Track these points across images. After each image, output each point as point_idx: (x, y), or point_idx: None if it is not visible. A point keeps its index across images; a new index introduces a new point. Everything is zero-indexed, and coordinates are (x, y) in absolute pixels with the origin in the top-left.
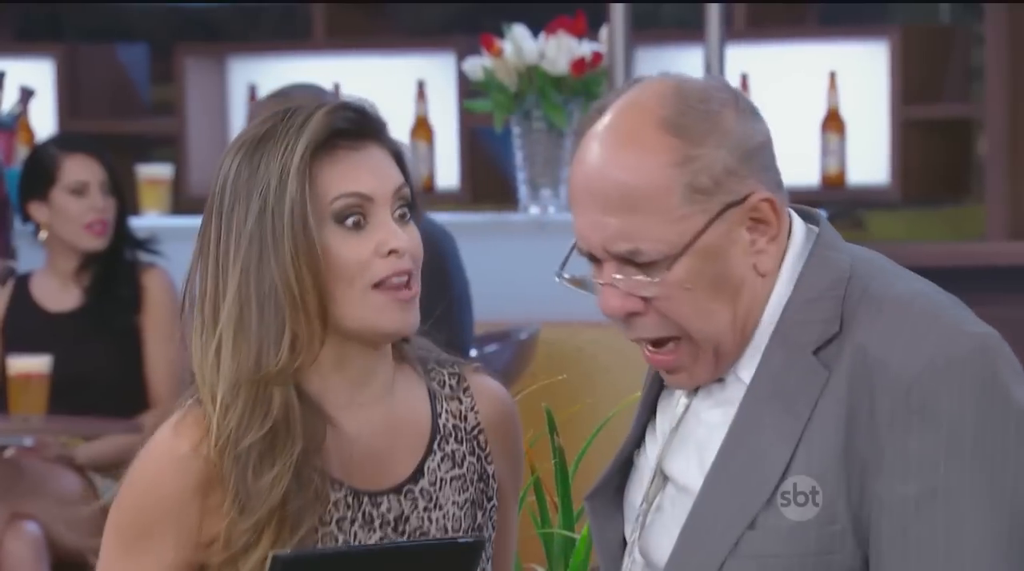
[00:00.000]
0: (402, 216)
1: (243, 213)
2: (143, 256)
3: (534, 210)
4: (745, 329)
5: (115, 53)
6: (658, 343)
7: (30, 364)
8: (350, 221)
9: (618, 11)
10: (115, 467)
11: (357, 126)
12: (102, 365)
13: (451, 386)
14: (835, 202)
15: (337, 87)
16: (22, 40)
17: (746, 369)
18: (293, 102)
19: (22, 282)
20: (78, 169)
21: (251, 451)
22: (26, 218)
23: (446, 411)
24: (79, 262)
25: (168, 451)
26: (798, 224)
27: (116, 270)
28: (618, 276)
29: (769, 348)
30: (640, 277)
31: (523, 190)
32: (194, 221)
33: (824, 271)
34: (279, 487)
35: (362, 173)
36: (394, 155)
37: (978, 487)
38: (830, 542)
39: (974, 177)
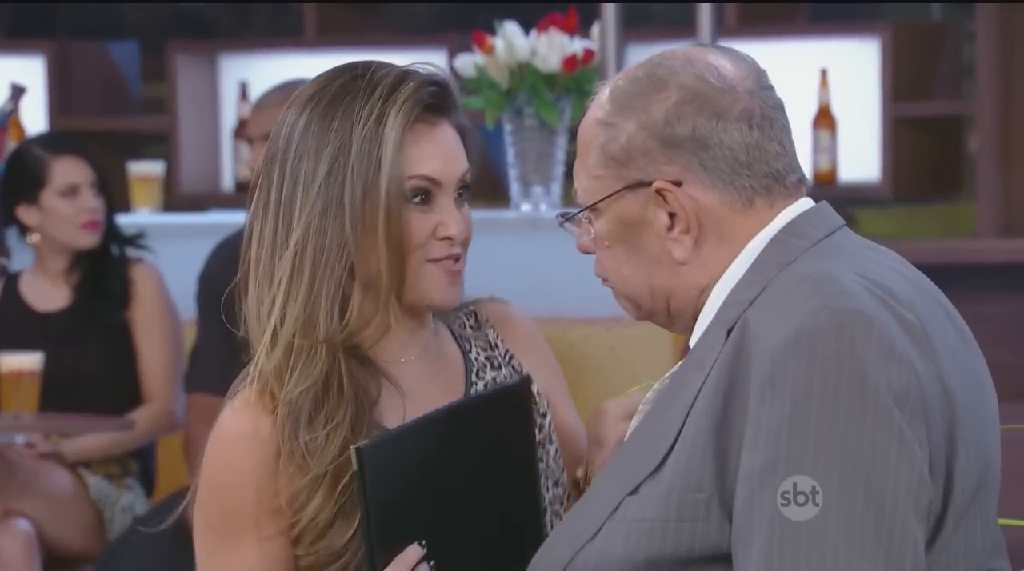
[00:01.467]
0: (460, 196)
1: (311, 168)
2: (132, 252)
3: (526, 207)
4: (673, 306)
5: (106, 50)
6: None
7: (22, 361)
8: (417, 198)
9: (609, 8)
10: (104, 463)
11: (440, 102)
12: (93, 363)
13: (471, 326)
14: (826, 199)
15: None
16: (13, 37)
17: (693, 343)
18: (367, 62)
19: (11, 281)
20: (68, 171)
21: (301, 405)
22: (12, 221)
23: (475, 347)
24: (69, 261)
25: (233, 433)
26: (785, 214)
27: (105, 267)
28: (568, 212)
29: (709, 325)
30: (578, 218)
31: (515, 187)
32: (185, 218)
33: (773, 255)
34: (335, 441)
35: (436, 157)
36: (461, 133)
37: (821, 460)
38: (693, 509)
39: (965, 174)
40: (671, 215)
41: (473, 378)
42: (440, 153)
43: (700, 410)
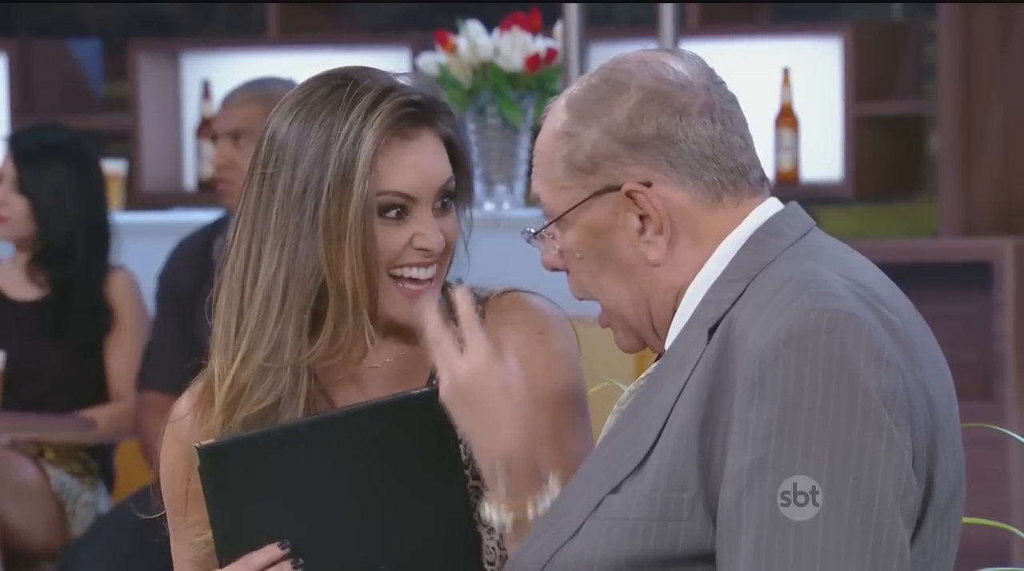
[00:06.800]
0: (443, 205)
1: (288, 182)
2: (111, 258)
3: (489, 206)
4: (653, 311)
5: (68, 49)
6: None
7: None
8: (391, 214)
9: (572, 8)
10: (66, 461)
11: (420, 116)
12: (58, 357)
13: None
14: (788, 198)
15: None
16: None
17: (669, 344)
18: (353, 72)
19: None
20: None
21: (248, 422)
22: None
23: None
24: (28, 255)
25: (175, 408)
26: (757, 213)
27: (84, 275)
28: (533, 229)
29: (687, 324)
30: (544, 234)
31: (478, 187)
32: (147, 217)
33: (752, 255)
34: None
35: (410, 171)
36: (445, 140)
37: (810, 461)
38: (677, 508)
39: (927, 174)
40: (641, 218)
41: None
42: (415, 167)
43: (683, 409)
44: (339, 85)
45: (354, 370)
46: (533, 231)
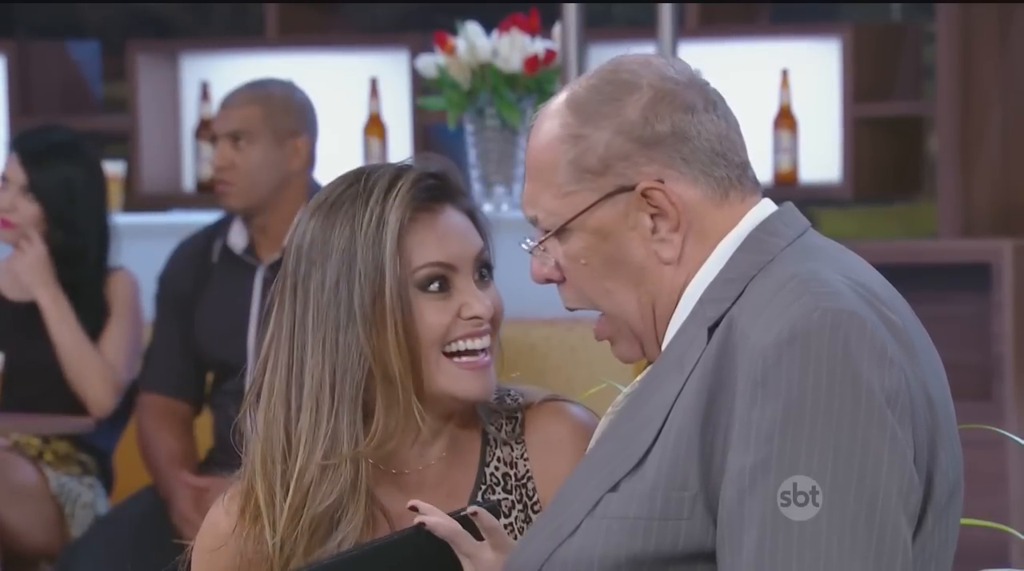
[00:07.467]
0: (481, 277)
1: (320, 280)
2: (112, 259)
3: (487, 208)
4: (657, 313)
5: (67, 50)
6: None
7: None
8: (434, 286)
9: (571, 9)
10: (64, 463)
11: (439, 190)
12: (56, 357)
13: (507, 431)
14: (787, 199)
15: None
16: None
17: (667, 343)
18: (363, 167)
19: None
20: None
21: (320, 521)
22: None
23: (497, 458)
24: None
25: (211, 528)
26: (754, 213)
27: (92, 276)
28: (530, 241)
29: (684, 323)
30: (544, 245)
31: (476, 188)
32: (146, 218)
33: (750, 254)
34: (345, 547)
35: (443, 240)
36: (469, 215)
37: (814, 461)
38: (677, 507)
39: (926, 175)
40: (653, 217)
41: (477, 498)
42: (446, 237)
43: (684, 408)
44: (353, 181)
45: (403, 473)
46: (534, 242)
